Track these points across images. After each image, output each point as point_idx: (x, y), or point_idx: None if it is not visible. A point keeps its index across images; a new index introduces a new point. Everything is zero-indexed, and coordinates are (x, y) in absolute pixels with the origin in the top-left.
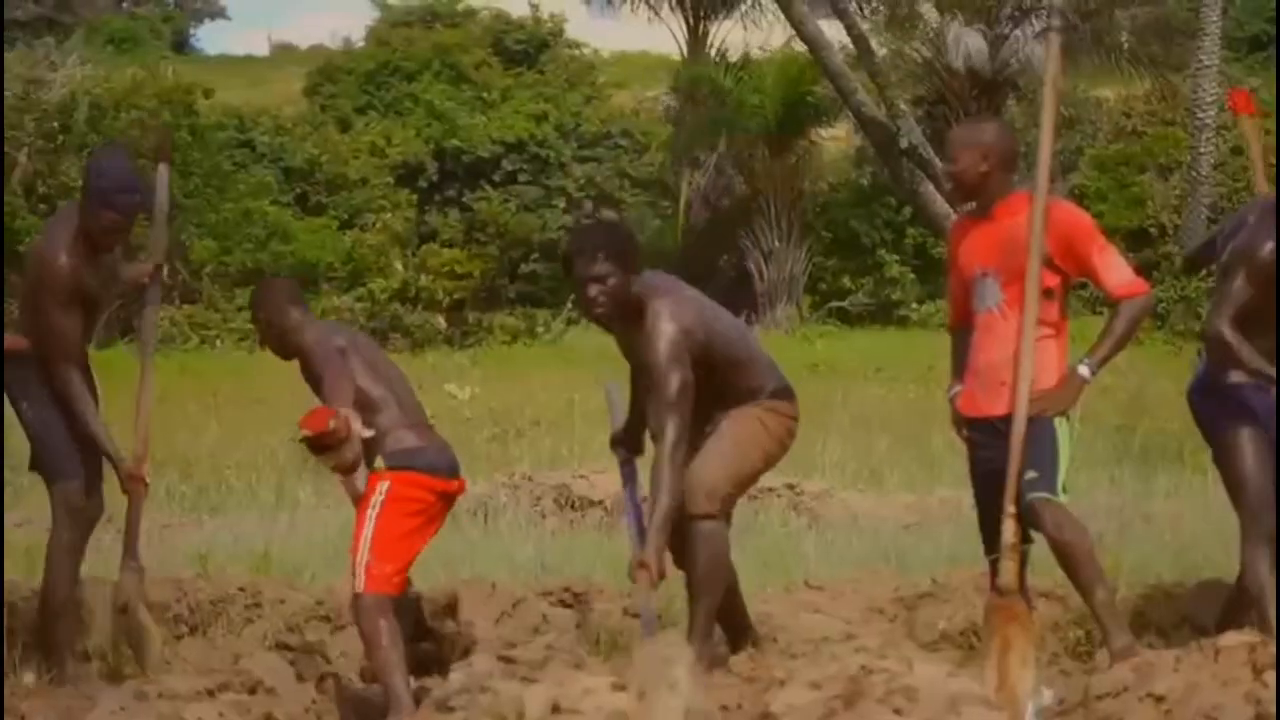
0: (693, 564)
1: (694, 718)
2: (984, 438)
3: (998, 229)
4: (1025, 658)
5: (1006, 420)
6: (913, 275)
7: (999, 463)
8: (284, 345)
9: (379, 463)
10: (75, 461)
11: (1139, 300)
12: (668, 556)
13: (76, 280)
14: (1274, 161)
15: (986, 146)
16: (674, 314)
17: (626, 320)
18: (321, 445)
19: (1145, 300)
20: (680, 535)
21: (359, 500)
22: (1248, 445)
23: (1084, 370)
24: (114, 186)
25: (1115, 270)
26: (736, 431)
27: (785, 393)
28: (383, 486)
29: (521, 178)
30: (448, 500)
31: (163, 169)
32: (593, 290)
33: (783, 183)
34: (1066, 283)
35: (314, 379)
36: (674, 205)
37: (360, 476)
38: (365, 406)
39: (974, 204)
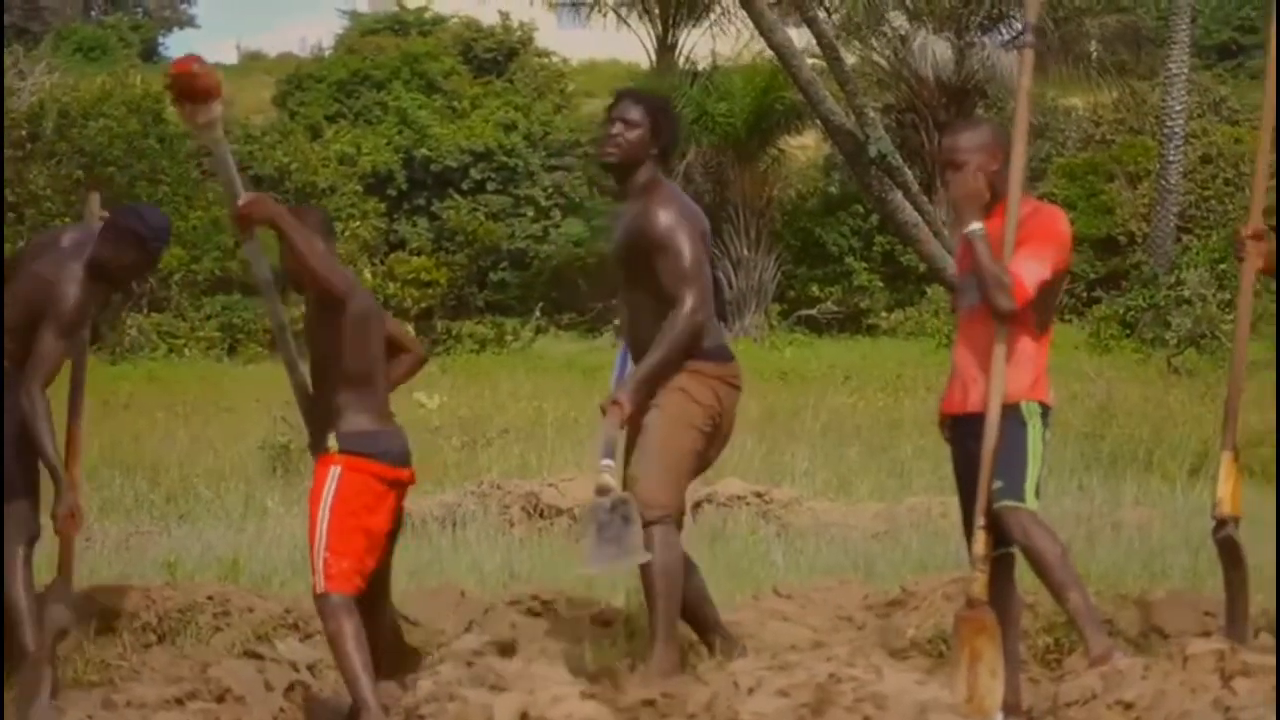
0: (645, 571)
1: None
2: (954, 434)
3: (988, 230)
4: (994, 669)
5: (968, 418)
6: (881, 283)
7: (964, 461)
8: (300, 272)
9: (331, 442)
10: (20, 482)
11: (1001, 301)
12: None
13: (83, 314)
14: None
15: (995, 145)
16: (683, 205)
17: (626, 183)
18: (188, 91)
19: (1000, 303)
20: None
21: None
22: None
23: None
24: (152, 233)
25: (1019, 271)
26: (660, 422)
27: (715, 352)
28: (334, 472)
29: (490, 186)
30: (399, 489)
31: (93, 197)
32: (615, 128)
33: (751, 191)
34: (1044, 285)
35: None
36: None
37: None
38: (343, 376)
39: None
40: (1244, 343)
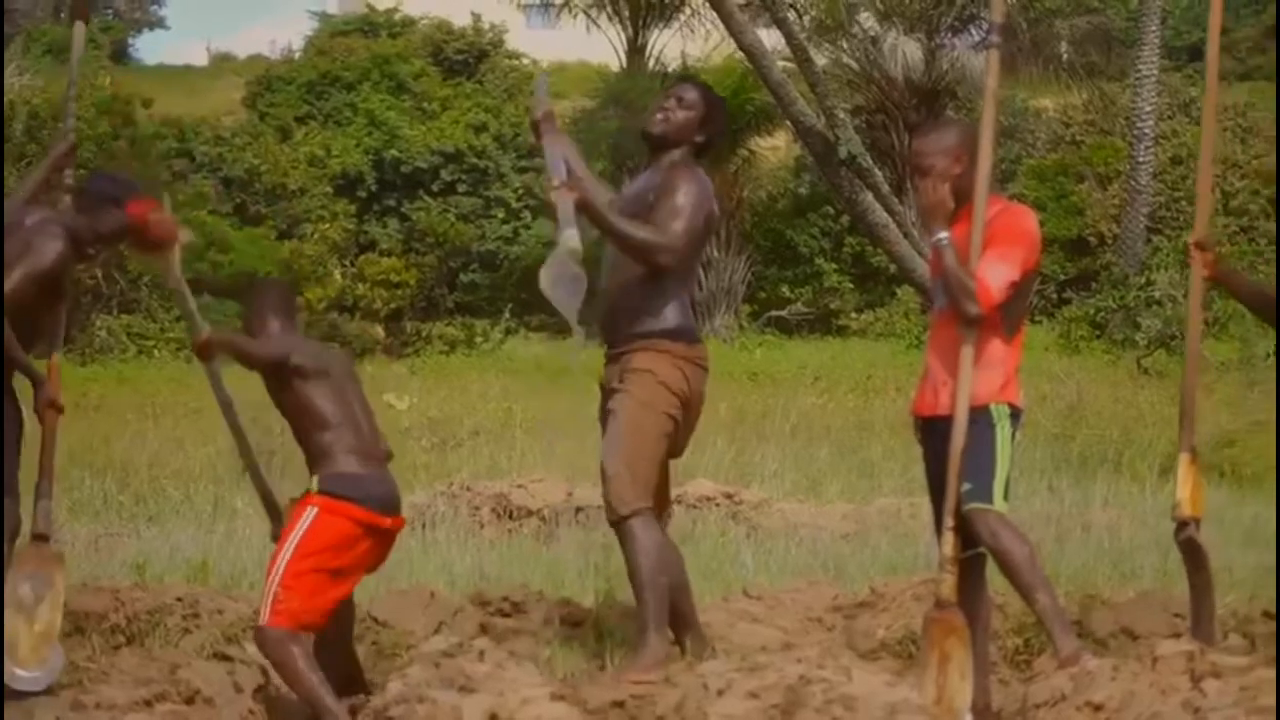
0: (631, 564)
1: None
2: (925, 436)
3: (956, 232)
4: (964, 671)
5: (938, 420)
6: (851, 284)
7: (934, 462)
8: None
9: (313, 484)
10: (14, 480)
11: (969, 307)
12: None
13: (60, 269)
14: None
15: (959, 148)
16: (705, 186)
17: (659, 157)
18: (142, 238)
19: (968, 309)
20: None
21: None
22: None
23: None
24: (129, 193)
25: (985, 275)
26: (628, 408)
27: (683, 333)
28: (309, 513)
29: (460, 188)
30: (380, 537)
31: (79, 26)
32: (669, 103)
33: (721, 192)
34: (1013, 286)
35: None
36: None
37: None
38: (314, 421)
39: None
40: (1195, 347)
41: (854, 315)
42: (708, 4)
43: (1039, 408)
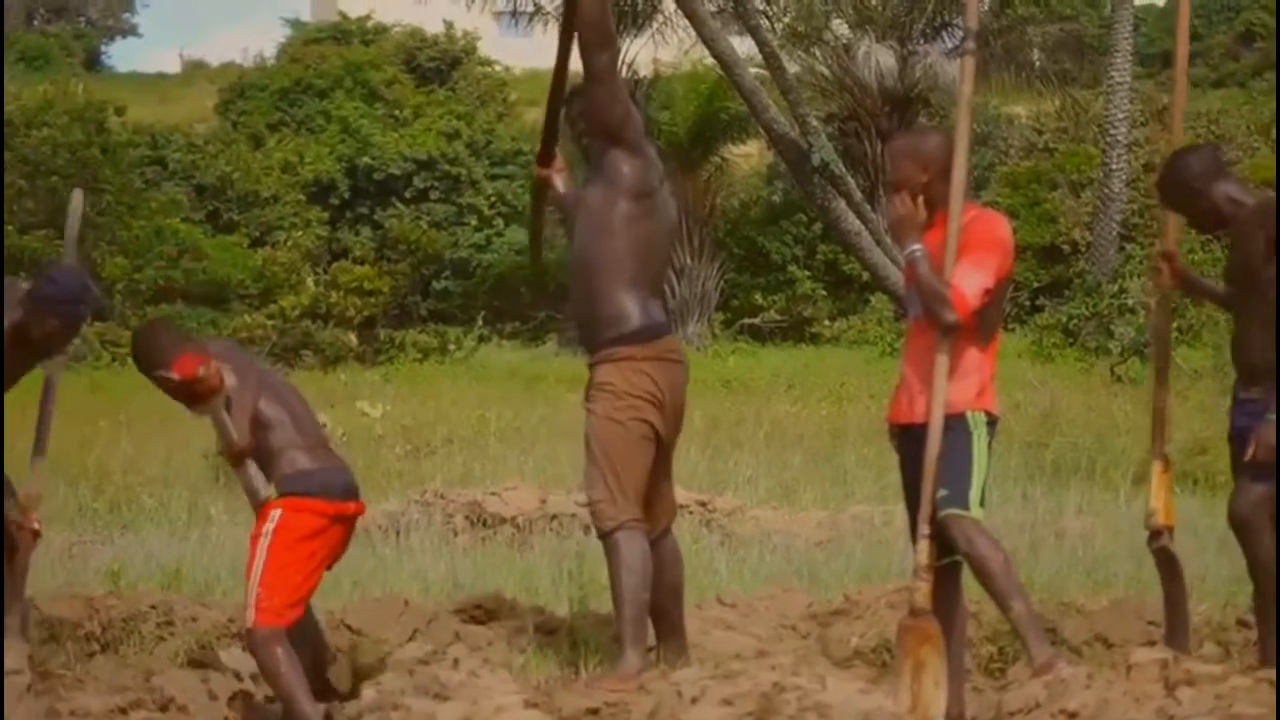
0: (612, 578)
1: None
2: (900, 444)
3: (928, 240)
4: (938, 678)
5: (914, 428)
6: (824, 292)
7: (911, 470)
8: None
9: (270, 490)
10: None
11: (945, 315)
12: None
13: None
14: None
15: (927, 156)
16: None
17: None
18: (190, 392)
19: (944, 317)
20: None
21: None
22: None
23: None
24: (60, 295)
25: (959, 282)
26: (595, 429)
27: (643, 333)
28: (274, 515)
29: (433, 195)
30: (345, 523)
31: (77, 194)
32: (577, 126)
33: (694, 200)
34: (989, 293)
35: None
36: None
37: (232, 422)
38: (259, 424)
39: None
40: (1164, 355)
41: (827, 323)
42: (680, 11)
43: (1012, 415)
